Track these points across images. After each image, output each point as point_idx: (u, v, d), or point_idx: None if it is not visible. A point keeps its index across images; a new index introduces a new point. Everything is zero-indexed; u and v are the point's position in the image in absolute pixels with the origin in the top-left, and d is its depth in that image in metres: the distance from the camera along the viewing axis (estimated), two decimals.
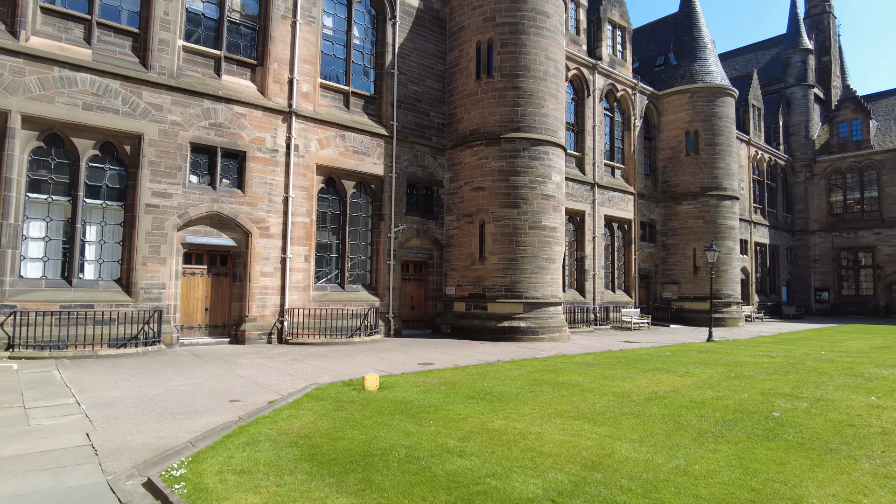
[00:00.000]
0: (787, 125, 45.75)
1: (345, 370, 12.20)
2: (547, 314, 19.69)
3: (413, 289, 20.85)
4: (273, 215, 16.63)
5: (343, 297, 18.24)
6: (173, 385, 9.99)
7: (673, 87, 31.46)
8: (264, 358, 13.73)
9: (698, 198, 30.81)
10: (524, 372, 12.00)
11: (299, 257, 17.13)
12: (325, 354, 14.59)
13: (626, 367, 13.03)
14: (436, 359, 14.30)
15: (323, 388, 10.04)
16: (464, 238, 20.27)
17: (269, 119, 16.67)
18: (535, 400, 8.82)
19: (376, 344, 17.11)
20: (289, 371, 11.93)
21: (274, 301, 16.53)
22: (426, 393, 9.44)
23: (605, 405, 8.41)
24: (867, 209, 43.38)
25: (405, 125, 20.16)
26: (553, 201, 20.20)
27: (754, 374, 11.79)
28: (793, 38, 46.10)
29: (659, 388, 9.90)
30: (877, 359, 14.99)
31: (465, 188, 20.33)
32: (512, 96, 19.76)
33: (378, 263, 19.37)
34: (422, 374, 11.58)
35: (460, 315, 20.06)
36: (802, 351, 16.96)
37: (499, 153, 19.66)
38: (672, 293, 31.35)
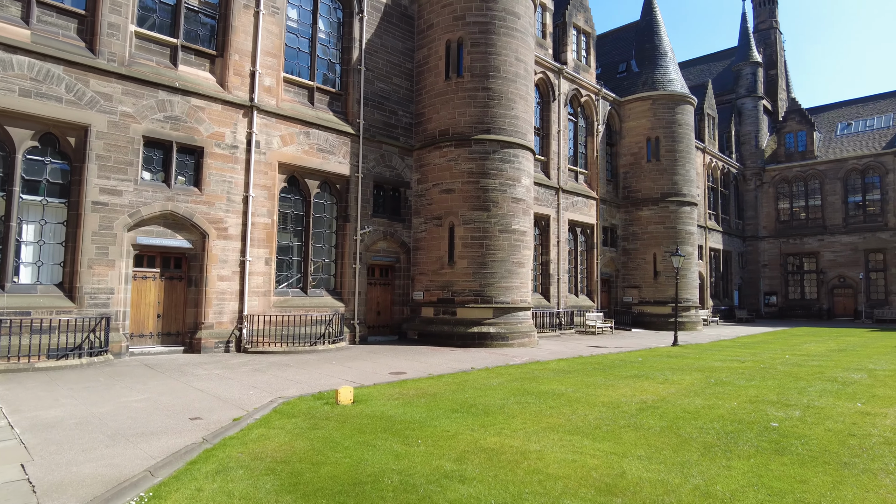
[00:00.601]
0: (739, 134, 47.32)
1: (312, 381, 11.43)
2: (517, 319, 19.35)
3: (379, 294, 20.13)
4: (232, 215, 15.63)
5: (306, 303, 17.35)
6: (124, 401, 9.01)
7: (635, 93, 31.87)
8: (223, 368, 12.76)
9: (659, 203, 31.26)
10: (503, 381, 11.53)
11: (259, 260, 16.18)
12: (288, 364, 13.73)
13: (603, 373, 12.75)
14: (407, 367, 13.67)
15: (292, 402, 9.28)
16: (432, 241, 19.71)
17: (228, 113, 15.68)
18: (523, 412, 8.34)
19: (342, 352, 16.32)
20: (251, 383, 11.07)
21: (232, 307, 15.52)
22: (406, 407, 8.82)
23: (598, 417, 8.01)
24: (811, 217, 45.26)
25: (372, 123, 19.46)
26: (523, 205, 19.91)
27: (733, 380, 11.70)
28: (743, 50, 47.77)
29: (646, 397, 9.60)
30: (840, 362, 15.27)
31: (434, 190, 19.78)
32: (482, 97, 19.37)
33: (343, 267, 18.57)
34: (396, 385, 10.94)
35: (428, 321, 19.47)
36: (768, 355, 17.18)
37: (469, 155, 19.21)
38: (633, 297, 31.68)
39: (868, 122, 45.18)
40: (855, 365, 14.60)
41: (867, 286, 41.90)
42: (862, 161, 42.68)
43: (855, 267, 42.38)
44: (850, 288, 42.86)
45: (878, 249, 41.57)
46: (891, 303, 40.66)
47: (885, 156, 41.74)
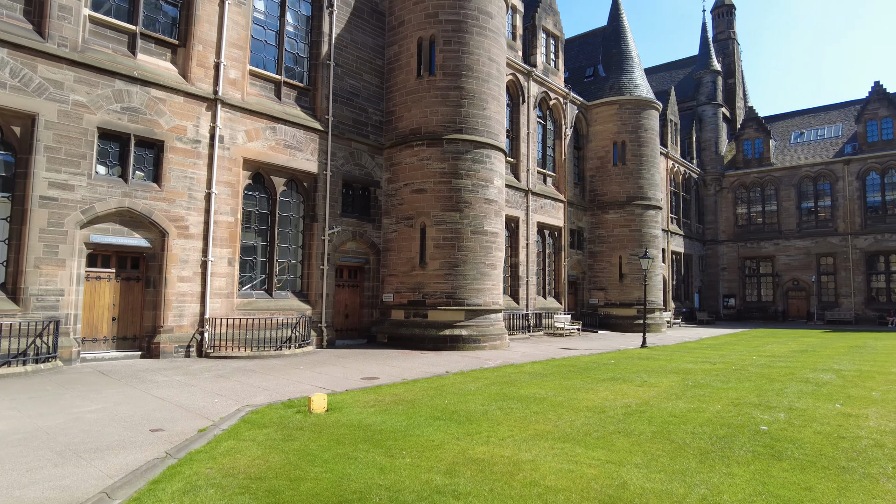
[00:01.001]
0: (700, 141, 48.49)
1: (280, 388, 10.85)
2: (488, 321, 19.08)
3: (347, 296, 19.54)
4: (193, 213, 14.84)
5: (271, 305, 16.66)
6: (76, 412, 8.27)
7: (602, 98, 32.18)
8: (184, 375, 12.02)
9: (624, 207, 31.60)
10: (481, 385, 11.20)
11: (222, 261, 15.42)
12: (253, 370, 13.06)
13: (580, 376, 12.57)
14: (379, 372, 13.20)
15: (260, 410, 8.72)
16: (403, 242, 19.26)
17: (191, 106, 14.89)
18: (508, 419, 8.01)
19: (309, 356, 15.70)
20: (215, 390, 10.41)
21: (193, 309, 14.72)
22: (384, 414, 8.38)
23: (586, 422, 7.76)
24: (768, 222, 46.70)
25: (341, 120, 18.89)
26: (495, 206, 19.68)
27: (709, 382, 11.68)
28: (704, 59, 49.01)
29: (628, 401, 9.42)
30: (806, 363, 15.54)
31: (405, 190, 19.35)
32: (455, 96, 19.06)
33: (310, 268, 17.93)
34: (370, 392, 10.47)
35: (398, 323, 19.00)
36: (735, 357, 17.40)
37: (441, 155, 18.86)
38: (599, 299, 31.91)
39: (819, 131, 46.98)
40: (821, 366, 14.88)
41: (819, 289, 43.46)
42: (814, 168, 44.29)
43: (808, 270, 43.91)
44: (804, 291, 44.38)
45: (829, 254, 43.18)
46: (840, 305, 42.27)
47: (835, 164, 43.41)
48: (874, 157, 41.60)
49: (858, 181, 42.21)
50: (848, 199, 42.38)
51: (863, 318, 40.87)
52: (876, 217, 41.80)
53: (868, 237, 41.48)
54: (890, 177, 41.50)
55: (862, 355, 17.85)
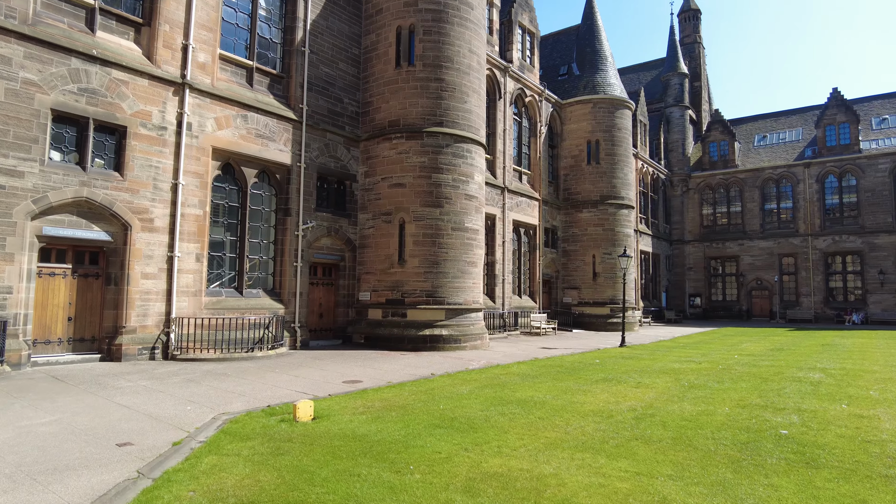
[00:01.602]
0: (667, 142, 49.14)
1: (257, 393, 10.04)
2: (469, 321, 18.54)
3: (322, 294, 18.69)
4: (159, 205, 13.79)
5: (241, 304, 15.71)
6: (27, 424, 7.32)
7: (576, 96, 32.06)
8: (150, 379, 11.05)
9: (598, 206, 31.57)
10: (473, 388, 10.63)
11: (190, 256, 14.41)
12: (225, 373, 12.16)
13: (571, 378, 12.15)
14: (361, 375, 12.48)
15: (240, 419, 7.95)
16: (381, 238, 18.53)
17: (156, 90, 13.83)
18: (513, 426, 7.46)
19: (283, 358, 14.84)
20: (187, 396, 9.53)
21: (158, 308, 13.68)
22: (377, 423, 7.71)
23: (598, 428, 7.27)
24: (733, 222, 47.66)
25: (316, 110, 18.03)
26: (475, 202, 19.15)
27: (704, 382, 11.41)
28: (671, 62, 49.69)
29: (632, 404, 9.00)
30: (788, 362, 15.51)
31: (383, 184, 18.62)
32: (435, 88, 18.44)
33: (283, 265, 17.03)
34: (356, 397, 9.77)
35: (376, 323, 18.26)
36: (717, 355, 17.32)
37: (421, 148, 18.21)
38: (572, 298, 31.80)
39: (781, 134, 48.23)
40: (805, 364, 14.87)
41: (781, 288, 44.59)
42: (777, 171, 45.41)
43: (770, 270, 44.99)
44: (767, 290, 45.45)
45: (790, 254, 44.34)
46: (801, 304, 43.45)
47: (796, 167, 44.60)
48: (832, 160, 42.90)
49: (818, 184, 43.46)
50: (808, 201, 43.60)
51: (822, 317, 42.09)
52: (834, 219, 43.11)
53: (827, 238, 42.75)
54: (847, 180, 42.85)
55: (838, 353, 18.05)
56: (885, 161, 41.04)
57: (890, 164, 40.84)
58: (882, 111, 44.44)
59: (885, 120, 43.59)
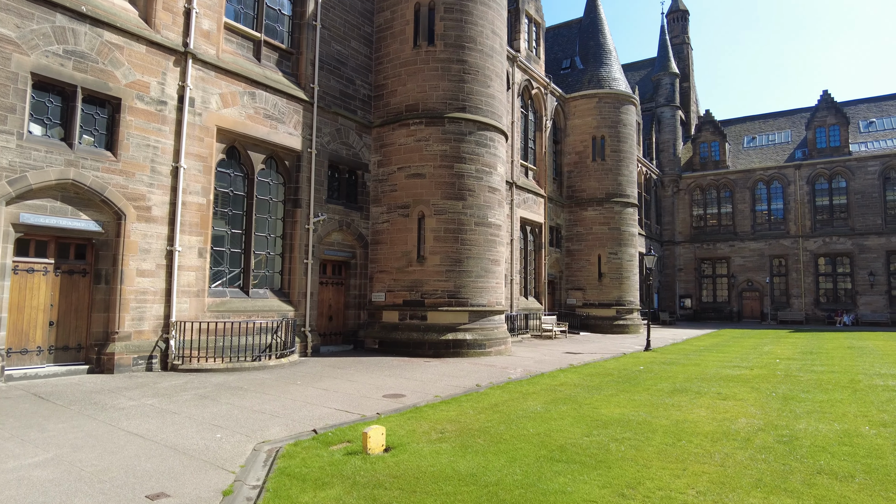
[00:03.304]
0: (658, 142, 48.63)
1: (292, 413, 8.36)
2: (493, 324, 17.05)
3: (331, 295, 16.94)
4: (157, 191, 11.90)
5: (248, 306, 13.88)
6: (16, 466, 5.53)
7: (581, 90, 30.94)
8: (156, 396, 9.22)
9: (603, 204, 30.51)
10: (543, 404, 9.15)
11: (192, 251, 12.54)
12: (240, 387, 10.39)
13: (638, 389, 10.77)
14: (397, 386, 10.87)
15: (291, 452, 6.32)
16: (397, 234, 16.88)
17: (155, 58, 11.94)
18: (643, 456, 6.01)
19: (298, 368, 13.08)
20: (209, 419, 7.79)
21: (156, 311, 11.79)
22: (472, 455, 6.16)
23: (750, 457, 5.87)
24: (723, 223, 47.37)
25: (327, 91, 16.30)
26: (498, 195, 17.69)
27: (792, 393, 10.17)
28: (663, 61, 49.23)
29: (749, 422, 7.64)
30: (837, 366, 14.46)
31: (399, 174, 16.98)
32: (457, 70, 16.91)
33: (292, 262, 15.25)
34: (414, 417, 8.18)
35: (391, 327, 16.61)
36: (756, 360, 16.18)
37: (442, 135, 16.65)
38: (577, 300, 30.64)
39: (770, 136, 48.21)
40: (859, 369, 13.82)
41: (772, 290, 44.41)
42: (768, 172, 45.27)
43: (761, 272, 44.78)
44: (757, 291, 45.24)
45: (781, 255, 44.20)
46: (791, 305, 43.33)
47: (786, 168, 44.52)
48: (822, 162, 42.92)
49: (808, 185, 43.42)
50: (799, 203, 43.53)
51: (812, 318, 42.02)
52: (824, 220, 43.11)
53: (817, 240, 42.72)
54: (837, 182, 42.91)
55: (875, 356, 17.12)
56: (875, 163, 41.20)
57: (879, 167, 41.00)
58: (869, 114, 44.76)
59: (873, 123, 43.88)
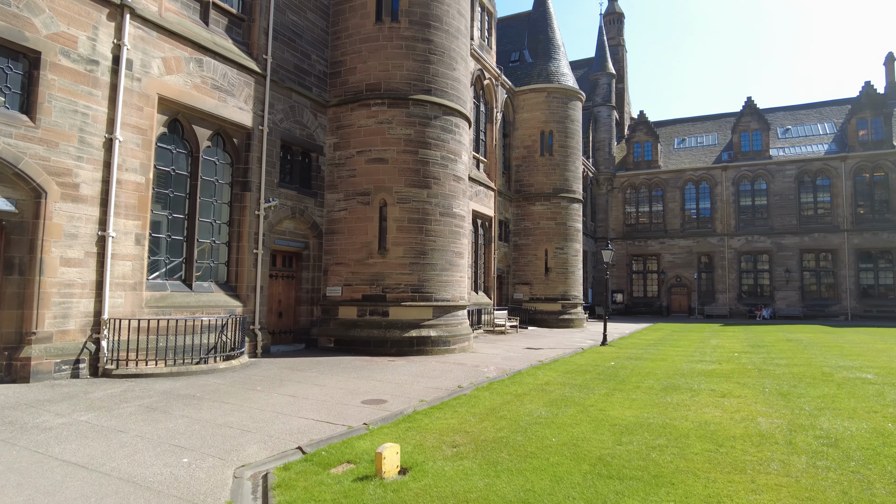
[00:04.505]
0: (595, 141, 49.57)
1: (264, 426, 7.13)
2: (457, 320, 16.20)
3: (281, 289, 15.44)
4: (86, 166, 10.08)
5: (191, 301, 12.23)
6: None
7: (530, 84, 30.64)
8: (91, 410, 7.64)
9: (551, 199, 30.41)
10: (542, 407, 8.40)
11: (128, 237, 10.79)
12: (192, 394, 8.94)
13: (629, 388, 10.28)
14: (371, 390, 9.80)
15: (283, 479, 5.23)
16: (356, 223, 15.63)
17: (85, 8, 10.09)
18: (694, 466, 5.36)
19: (252, 371, 11.64)
20: (167, 438, 6.43)
21: (84, 307, 10.00)
22: (504, 475, 5.28)
23: (812, 464, 5.34)
24: (654, 221, 49.02)
25: (281, 64, 14.78)
26: (462, 185, 16.84)
27: (782, 389, 10.01)
28: (600, 62, 50.19)
29: (773, 421, 7.23)
30: (806, 358, 14.77)
31: (359, 159, 15.72)
32: (422, 50, 15.86)
33: (240, 252, 13.66)
34: (409, 427, 7.19)
35: (349, 324, 15.35)
36: (716, 354, 16.33)
37: (406, 118, 15.56)
38: (524, 294, 30.41)
39: (699, 138, 50.38)
40: (822, 362, 14.15)
41: (699, 285, 46.43)
42: (697, 173, 47.22)
43: (689, 268, 46.70)
44: (685, 287, 47.17)
45: (708, 252, 46.27)
46: (717, 300, 45.48)
47: (714, 169, 46.63)
48: (746, 165, 45.27)
49: (734, 186, 45.67)
50: (725, 203, 45.70)
51: (735, 313, 44.29)
52: (747, 220, 45.51)
53: (741, 238, 45.03)
54: (758, 184, 45.40)
55: (823, 349, 17.77)
56: (792, 168, 43.89)
57: (795, 171, 43.71)
58: (786, 122, 47.68)
59: (789, 130, 46.78)
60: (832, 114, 45.78)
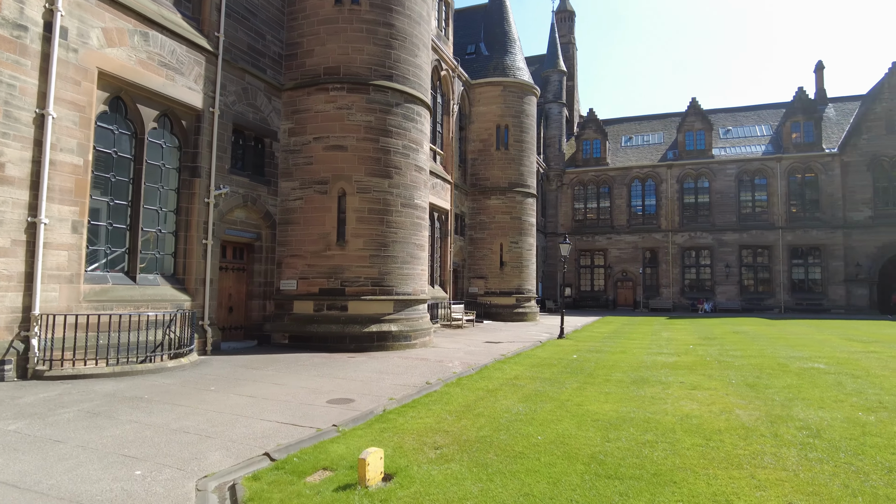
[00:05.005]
0: (545, 137, 50.06)
1: (225, 431, 6.55)
2: (418, 314, 15.79)
3: (232, 283, 14.58)
4: (13, 144, 9.03)
5: (136, 295, 11.28)
6: None
7: (486, 77, 30.47)
8: (21, 417, 6.80)
9: (506, 193, 30.41)
10: (518, 402, 8.13)
11: (63, 224, 9.78)
12: (140, 396, 8.17)
13: (600, 381, 10.19)
14: (336, 389, 9.29)
15: (259, 493, 4.76)
16: (313, 213, 14.93)
17: None
18: (690, 462, 5.21)
19: (202, 369, 10.85)
20: (114, 448, 5.77)
21: (11, 301, 8.97)
22: (498, 478, 4.96)
23: (804, 457, 5.27)
24: (602, 217, 50.08)
25: (234, 43, 13.88)
26: (424, 175, 16.42)
27: (750, 381, 10.16)
28: (552, 59, 50.69)
29: (751, 413, 7.22)
30: (752, 350, 15.20)
31: (317, 145, 15.01)
32: (384, 34, 15.29)
33: (189, 242, 12.74)
34: (382, 427, 6.78)
35: (306, 319, 14.66)
36: (672, 347, 16.63)
37: (367, 104, 14.97)
38: (479, 288, 30.30)
39: (645, 137, 51.76)
40: (774, 353, 14.60)
41: (644, 280, 47.79)
42: (643, 170, 48.51)
43: (635, 263, 48.00)
44: (631, 281, 48.47)
45: (653, 248, 47.68)
46: (661, 294, 46.95)
47: (660, 167, 48.04)
48: (690, 163, 46.85)
49: (678, 184, 47.19)
50: (669, 200, 47.16)
51: (679, 306, 45.84)
52: (690, 217, 47.14)
53: (684, 234, 46.62)
54: (701, 182, 47.09)
55: (768, 340, 18.43)
56: (733, 167, 45.73)
57: (735, 170, 45.58)
58: (727, 123, 49.64)
59: (730, 131, 48.74)
60: (769, 116, 47.97)
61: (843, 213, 41.36)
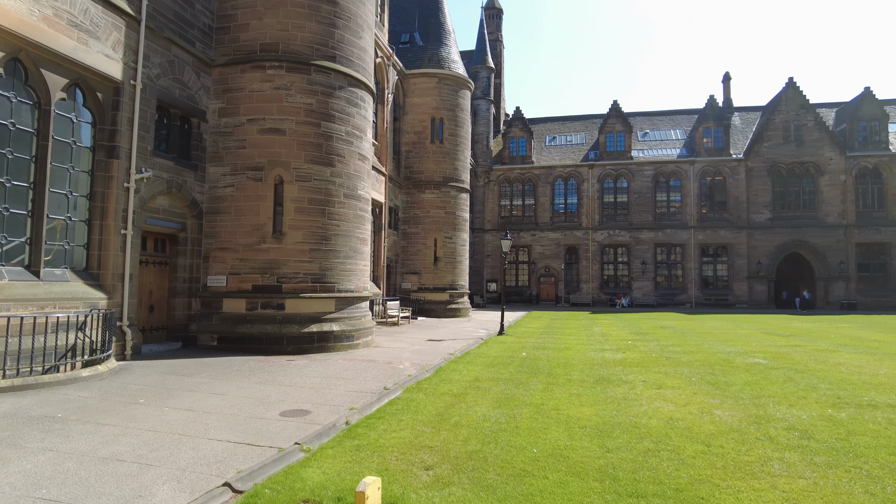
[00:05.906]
0: (474, 134, 50.09)
1: (169, 457, 5.57)
2: (360, 312, 14.91)
3: (153, 278, 13.03)
4: None
5: (39, 293, 9.66)
6: None
7: (422, 68, 29.77)
8: None
9: (441, 188, 29.92)
10: (491, 407, 7.63)
11: None
12: (52, 415, 6.88)
13: (563, 381, 9.92)
14: (285, 398, 8.38)
15: None
16: (246, 202, 13.63)
17: None
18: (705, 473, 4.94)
19: (123, 378, 9.48)
20: (26, 488, 4.67)
21: None
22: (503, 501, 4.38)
23: (810, 461, 5.13)
24: (527, 214, 50.91)
25: (160, 9, 12.32)
26: (367, 165, 15.53)
27: (710, 378, 10.26)
28: (481, 55, 50.73)
29: (734, 415, 7.13)
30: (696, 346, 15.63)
31: (251, 128, 13.72)
32: (327, 11, 14.23)
33: (105, 232, 11.16)
34: (355, 445, 6.08)
35: (237, 318, 13.38)
36: (613, 343, 16.87)
37: (308, 86, 13.86)
38: (412, 284, 29.65)
39: (568, 137, 53.13)
40: (725, 349, 15.09)
41: (566, 275, 49.14)
42: (566, 170, 49.79)
43: (557, 259, 49.22)
44: (553, 277, 49.67)
45: (574, 245, 49.10)
46: (581, 289, 48.48)
47: (582, 167, 49.50)
48: (611, 164, 48.63)
49: (599, 184, 48.84)
50: (590, 199, 48.73)
51: (598, 301, 47.54)
52: (609, 215, 48.95)
53: (604, 232, 48.35)
54: (620, 182, 49.01)
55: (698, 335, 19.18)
56: (650, 168, 47.94)
57: (653, 171, 47.82)
58: (645, 126, 51.98)
59: (647, 133, 51.07)
60: (683, 121, 50.69)
61: (748, 215, 44.50)
